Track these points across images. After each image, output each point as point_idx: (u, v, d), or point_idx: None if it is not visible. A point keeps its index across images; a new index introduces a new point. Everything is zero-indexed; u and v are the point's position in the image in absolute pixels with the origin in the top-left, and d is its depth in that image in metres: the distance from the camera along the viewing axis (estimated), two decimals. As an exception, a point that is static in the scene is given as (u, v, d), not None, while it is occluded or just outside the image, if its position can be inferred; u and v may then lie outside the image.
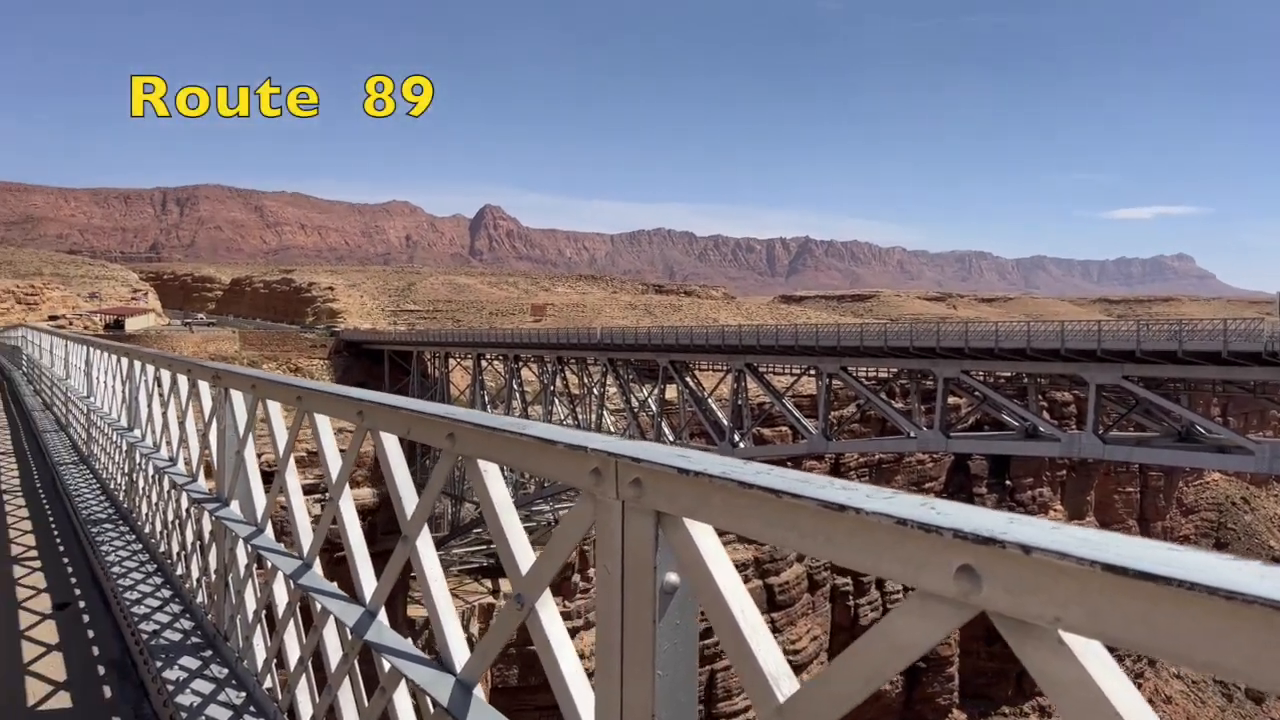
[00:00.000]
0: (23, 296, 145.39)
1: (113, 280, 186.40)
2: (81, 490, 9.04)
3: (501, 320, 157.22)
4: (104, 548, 6.75)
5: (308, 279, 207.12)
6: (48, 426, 14.08)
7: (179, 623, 5.05)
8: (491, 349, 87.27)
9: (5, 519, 8.84)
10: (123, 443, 7.90)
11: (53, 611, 6.04)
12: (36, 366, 21.44)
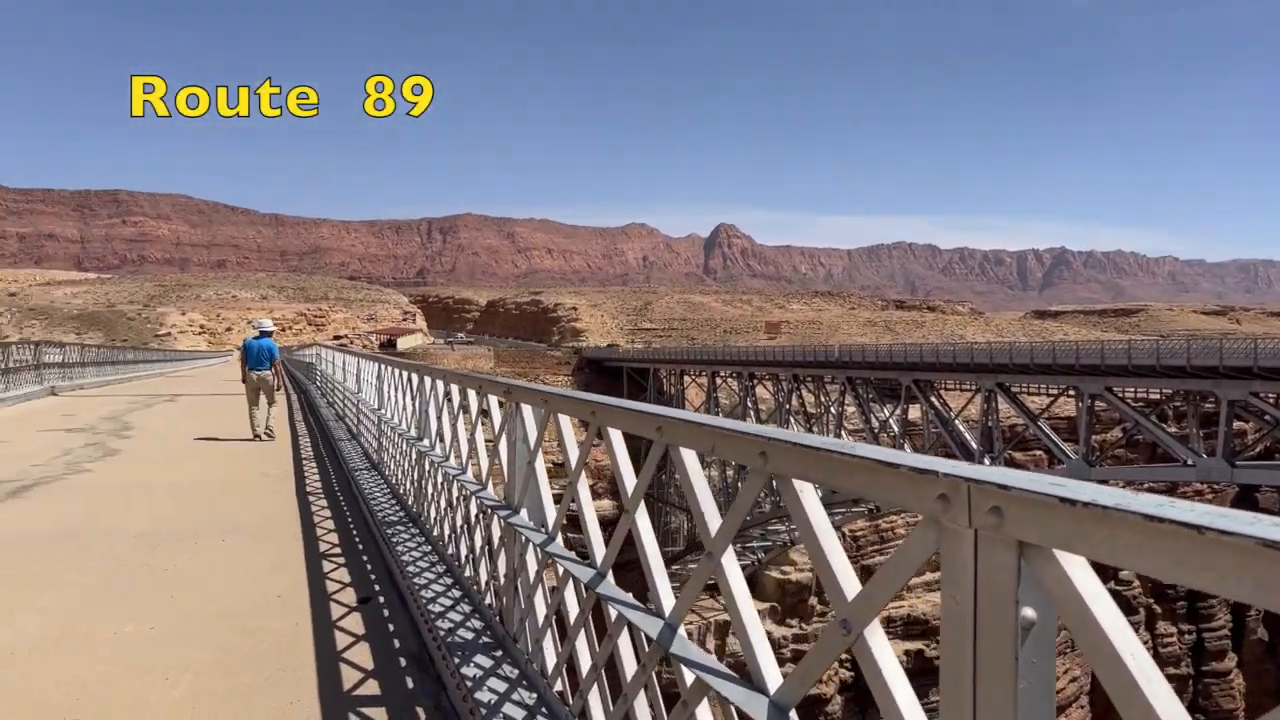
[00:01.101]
0: (312, 318, 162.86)
1: (386, 303, 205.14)
2: (375, 494, 9.94)
3: (736, 338, 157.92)
4: (398, 548, 7.36)
5: (554, 300, 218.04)
6: (341, 435, 15.63)
7: (470, 622, 5.38)
8: (726, 366, 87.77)
9: (313, 518, 9.87)
10: (412, 451, 8.59)
11: (358, 605, 6.64)
12: (329, 381, 23.82)
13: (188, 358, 78.44)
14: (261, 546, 8.64)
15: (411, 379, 9.04)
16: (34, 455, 14.60)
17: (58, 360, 31.68)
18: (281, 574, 7.58)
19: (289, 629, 6.07)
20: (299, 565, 7.89)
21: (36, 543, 8.56)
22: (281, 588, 7.16)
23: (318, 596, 6.87)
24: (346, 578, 7.40)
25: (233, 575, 7.54)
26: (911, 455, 1.92)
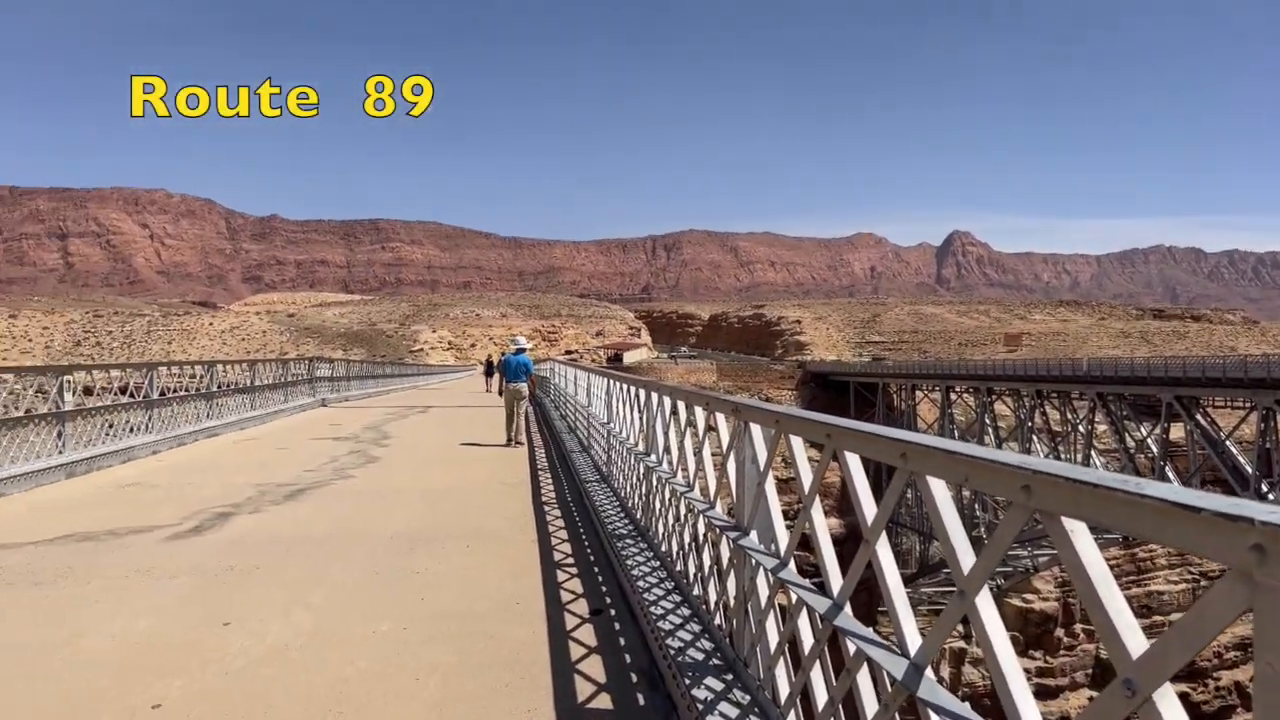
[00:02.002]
0: (546, 334, 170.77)
1: (613, 319, 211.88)
2: (605, 506, 10.18)
3: (971, 350, 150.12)
4: (628, 562, 7.46)
5: (777, 313, 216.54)
6: (574, 447, 16.20)
7: (700, 643, 5.34)
8: (961, 381, 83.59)
9: (548, 527, 10.24)
10: (639, 466, 8.71)
11: (590, 616, 6.78)
12: (561, 395, 24.79)
13: (437, 371, 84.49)
14: (502, 552, 9.05)
15: (639, 394, 9.18)
16: (308, 461, 16.15)
17: (327, 375, 35.02)
18: (519, 581, 7.89)
19: (527, 637, 6.28)
20: (535, 573, 8.19)
21: (309, 543, 9.41)
22: (519, 594, 7.44)
23: (552, 605, 7.08)
24: (579, 588, 7.59)
25: (476, 580, 7.93)
26: (1217, 498, 1.65)
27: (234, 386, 23.34)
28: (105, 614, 6.81)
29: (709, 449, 6.09)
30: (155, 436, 17.11)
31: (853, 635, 3.16)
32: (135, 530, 9.97)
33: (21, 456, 12.80)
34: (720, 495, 5.80)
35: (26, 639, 6.20)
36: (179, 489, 13.02)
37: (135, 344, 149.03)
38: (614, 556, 8.07)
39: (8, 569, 8.17)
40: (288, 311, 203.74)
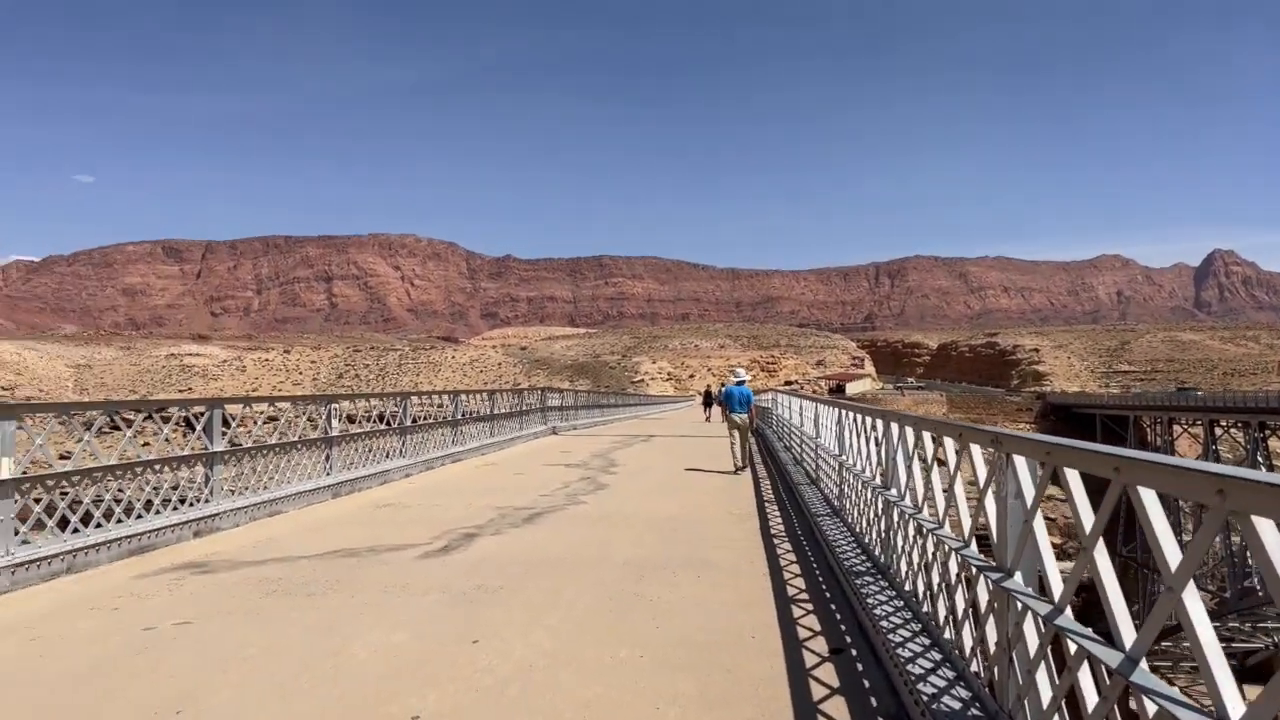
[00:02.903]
0: (765, 365, 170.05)
1: (834, 349, 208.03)
2: (838, 540, 9.83)
3: (1238, 380, 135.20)
4: (869, 600, 7.13)
5: (1012, 341, 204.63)
6: (800, 479, 15.87)
7: (954, 690, 4.97)
8: (1227, 415, 75.35)
9: (778, 560, 10.03)
10: (878, 500, 8.34)
11: (829, 655, 6.51)
12: (784, 425, 24.43)
13: (657, 401, 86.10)
14: (733, 584, 8.93)
15: (875, 425, 8.82)
16: (542, 487, 16.80)
17: (557, 404, 36.48)
18: (752, 613, 7.73)
19: (765, 672, 6.11)
20: (768, 606, 8.00)
21: (546, 566, 9.71)
22: (753, 627, 7.29)
23: (789, 641, 6.87)
24: (815, 625, 7.33)
25: (709, 610, 7.85)
26: None
27: (475, 415, 24.74)
28: (368, 625, 7.29)
29: (960, 483, 5.71)
30: (408, 461, 18.40)
31: (1158, 696, 2.78)
32: (392, 548, 10.69)
33: (296, 477, 14.10)
34: (964, 530, 5.41)
35: (303, 645, 6.73)
36: (428, 510, 13.87)
37: (388, 375, 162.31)
38: (852, 593, 7.74)
39: (286, 580, 8.97)
40: (520, 345, 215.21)
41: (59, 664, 6.30)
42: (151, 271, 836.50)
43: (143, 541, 10.10)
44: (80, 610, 7.75)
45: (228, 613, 7.71)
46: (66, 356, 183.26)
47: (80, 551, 9.14)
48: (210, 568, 9.56)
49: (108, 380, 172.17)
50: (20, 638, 6.91)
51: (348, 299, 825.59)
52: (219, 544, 10.89)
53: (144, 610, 7.78)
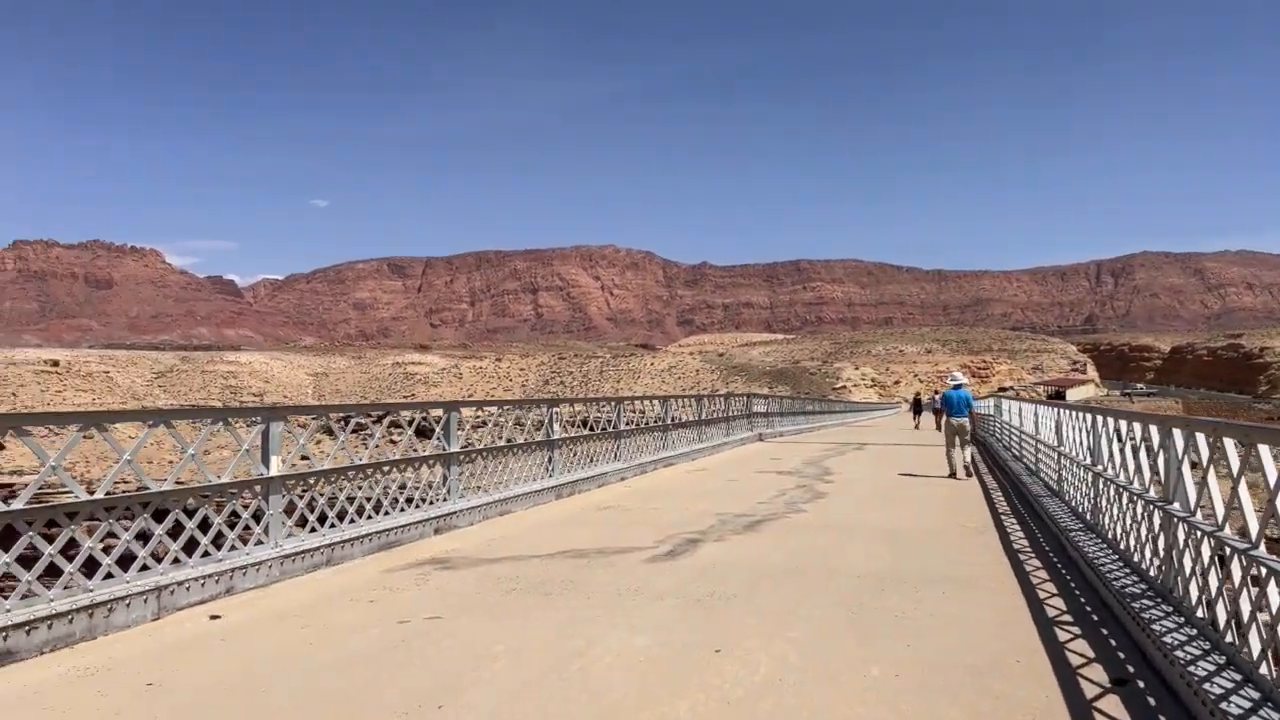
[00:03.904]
0: (976, 370, 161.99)
1: (1052, 353, 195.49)
2: (1098, 558, 8.95)
3: None
4: (1154, 626, 6.38)
5: (1259, 343, 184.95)
6: (1039, 491, 14.76)
7: (1291, 736, 4.28)
8: None
9: (1028, 577, 9.27)
10: (1153, 515, 7.50)
11: (1111, 686, 5.85)
12: (1015, 433, 22.95)
13: (862, 409, 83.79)
14: (981, 601, 8.31)
15: (1146, 431, 7.94)
16: (758, 493, 16.53)
17: (762, 410, 36.09)
18: (1010, 635, 7.12)
19: (1040, 702, 5.55)
20: (1027, 628, 7.36)
21: (777, 575, 9.42)
22: (1015, 650, 6.70)
23: (1060, 667, 6.25)
24: (1087, 651, 6.64)
25: (962, 629, 7.30)
26: None
27: (682, 421, 24.80)
28: (607, 628, 7.27)
29: (1244, 490, 4.95)
30: (622, 465, 18.64)
31: None
32: (619, 550, 10.73)
33: (522, 479, 14.54)
34: None
35: (548, 645, 6.78)
36: (648, 513, 13.92)
37: (590, 381, 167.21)
38: (1130, 618, 6.97)
39: (523, 578, 9.16)
40: (717, 351, 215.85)
41: (328, 652, 6.64)
42: (379, 287, 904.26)
43: (390, 537, 10.64)
44: (341, 602, 8.20)
45: (472, 609, 7.92)
46: (306, 365, 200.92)
47: (337, 545, 9.72)
48: (452, 564, 9.93)
49: (341, 387, 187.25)
50: (293, 625, 7.36)
51: (552, 309, 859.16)
52: (457, 541, 11.33)
53: (397, 603, 8.13)
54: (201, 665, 6.31)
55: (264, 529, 8.91)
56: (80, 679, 5.98)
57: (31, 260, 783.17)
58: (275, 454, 9.16)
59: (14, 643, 6.23)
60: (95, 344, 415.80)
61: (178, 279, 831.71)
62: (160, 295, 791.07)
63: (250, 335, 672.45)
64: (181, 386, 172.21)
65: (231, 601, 8.08)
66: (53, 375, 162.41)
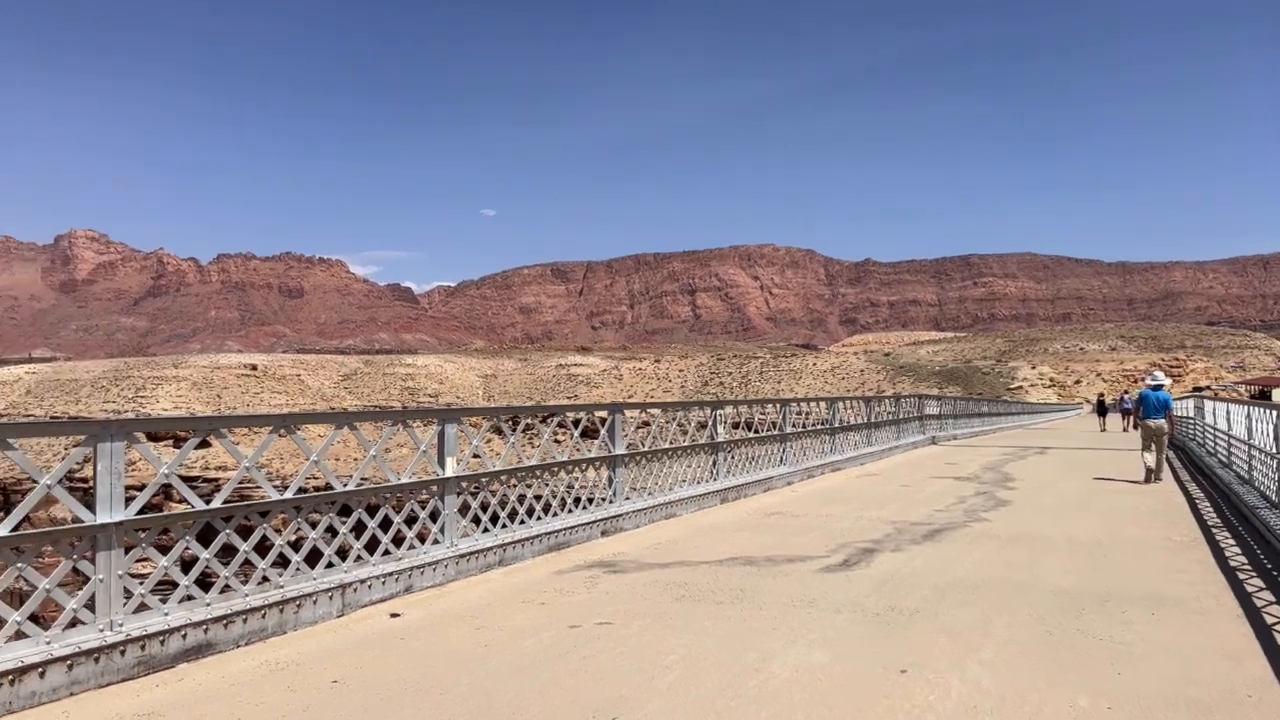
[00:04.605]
0: (1168, 368, 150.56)
1: (1255, 349, 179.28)
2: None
3: None
4: None
5: None
6: (1254, 502, 13.35)
7: None
8: None
9: (1250, 599, 8.30)
10: None
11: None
12: (1223, 438, 21.04)
13: (1040, 410, 79.29)
14: (1198, 625, 7.48)
15: None
16: (934, 500, 15.72)
17: (934, 412, 34.61)
18: (1240, 666, 6.34)
19: (1288, 749, 4.87)
20: (1257, 658, 6.54)
21: (962, 589, 8.83)
22: (1246, 683, 5.95)
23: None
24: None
25: (1181, 657, 6.57)
26: None
27: (849, 423, 24.04)
28: (783, 641, 6.96)
29: None
30: (789, 469, 18.19)
31: None
32: (789, 559, 10.37)
33: (688, 482, 14.38)
34: None
35: (722, 657, 6.54)
36: (818, 520, 13.46)
37: (750, 383, 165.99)
38: (1390, 654, 6.07)
39: (692, 585, 8.96)
40: (883, 351, 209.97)
41: (502, 654, 6.65)
42: (543, 291, 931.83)
43: (559, 538, 10.69)
44: (513, 603, 8.24)
45: (642, 615, 7.78)
46: (477, 368, 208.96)
47: (509, 546, 9.83)
48: (619, 567, 9.86)
49: (509, 388, 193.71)
50: (468, 626, 7.44)
51: (710, 309, 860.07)
52: (623, 544, 11.27)
53: (567, 607, 8.10)
54: (383, 664, 6.44)
55: (440, 528, 9.10)
56: (271, 673, 6.21)
57: (233, 273, 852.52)
58: (451, 455, 9.33)
59: (213, 635, 6.54)
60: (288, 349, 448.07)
61: (361, 287, 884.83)
62: (345, 303, 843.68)
63: (426, 339, 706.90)
64: (365, 388, 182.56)
65: (410, 600, 8.27)
66: (251, 378, 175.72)
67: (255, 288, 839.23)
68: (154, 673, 6.09)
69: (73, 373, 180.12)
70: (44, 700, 5.47)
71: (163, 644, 6.19)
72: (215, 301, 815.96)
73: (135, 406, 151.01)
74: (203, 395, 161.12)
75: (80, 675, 5.67)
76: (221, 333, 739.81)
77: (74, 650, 5.66)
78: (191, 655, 6.38)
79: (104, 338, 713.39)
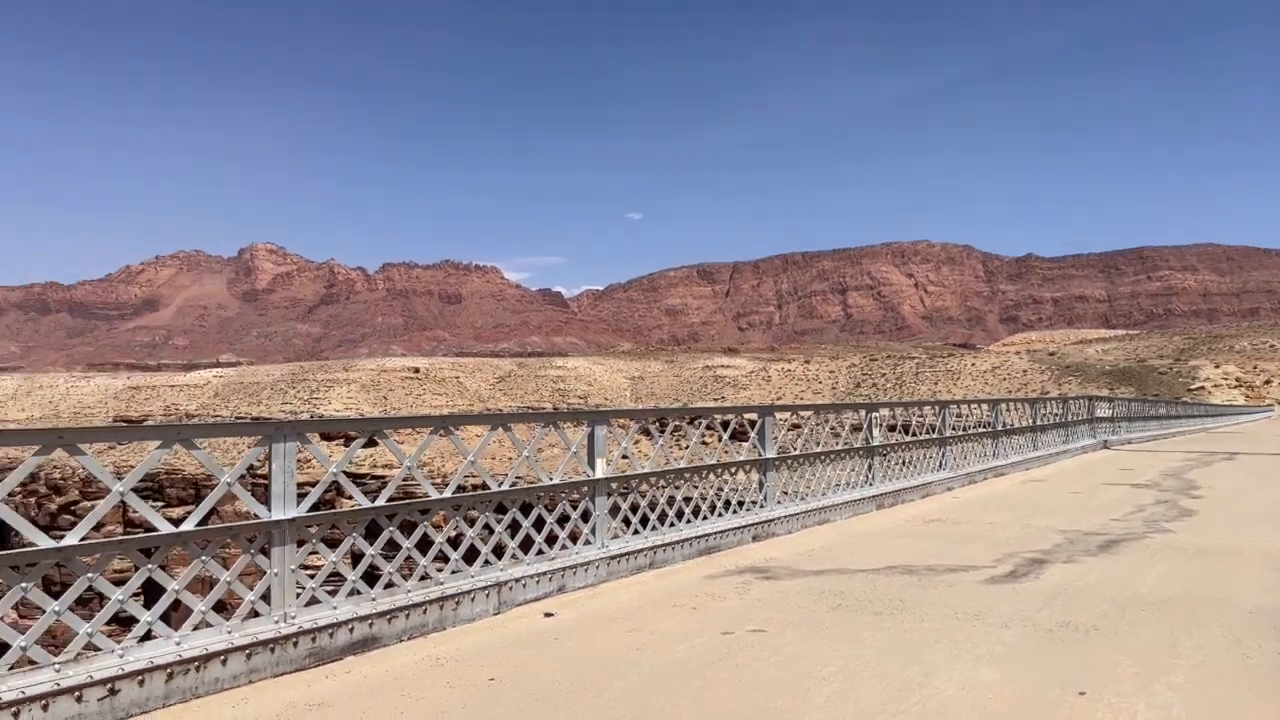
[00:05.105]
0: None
1: None
2: None
3: None
4: None
5: None
6: None
7: None
8: None
9: None
10: None
11: None
12: None
13: (1225, 412, 73.34)
14: None
15: None
16: (1109, 509, 14.71)
17: (1106, 415, 32.52)
18: None
19: None
20: None
21: (1144, 606, 8.17)
22: None
23: None
24: None
25: None
26: None
27: (1013, 426, 22.87)
28: (947, 656, 6.61)
29: None
30: (948, 474, 17.45)
31: None
32: (951, 569, 9.90)
33: (842, 486, 14.00)
34: None
35: (882, 670, 6.27)
36: (981, 528, 12.82)
37: (905, 384, 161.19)
38: None
39: (849, 594, 8.67)
40: (1047, 350, 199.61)
41: (654, 658, 6.59)
42: (688, 293, 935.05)
43: (709, 542, 10.59)
44: (664, 607, 8.19)
45: (797, 624, 7.57)
46: (624, 370, 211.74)
47: (659, 549, 9.80)
48: (772, 574, 9.66)
49: (656, 390, 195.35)
50: (620, 628, 7.43)
51: (861, 309, 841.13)
52: (775, 549, 11.05)
53: (719, 612, 7.98)
54: (538, 663, 6.50)
55: (591, 529, 9.16)
56: (432, 669, 6.37)
57: (396, 281, 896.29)
58: (600, 456, 9.38)
59: (378, 629, 6.78)
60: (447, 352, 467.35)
61: (514, 292, 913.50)
62: (500, 308, 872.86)
63: (575, 342, 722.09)
64: (518, 389, 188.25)
65: (563, 600, 8.35)
66: (414, 380, 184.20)
67: (417, 294, 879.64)
68: (323, 664, 6.36)
69: (254, 376, 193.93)
70: (225, 686, 5.79)
71: (331, 637, 6.46)
72: (381, 308, 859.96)
73: (310, 407, 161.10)
74: (370, 396, 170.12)
75: (257, 664, 5.98)
76: (387, 337, 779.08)
77: (252, 640, 5.97)
78: (358, 648, 6.62)
79: (282, 343, 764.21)
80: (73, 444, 5.59)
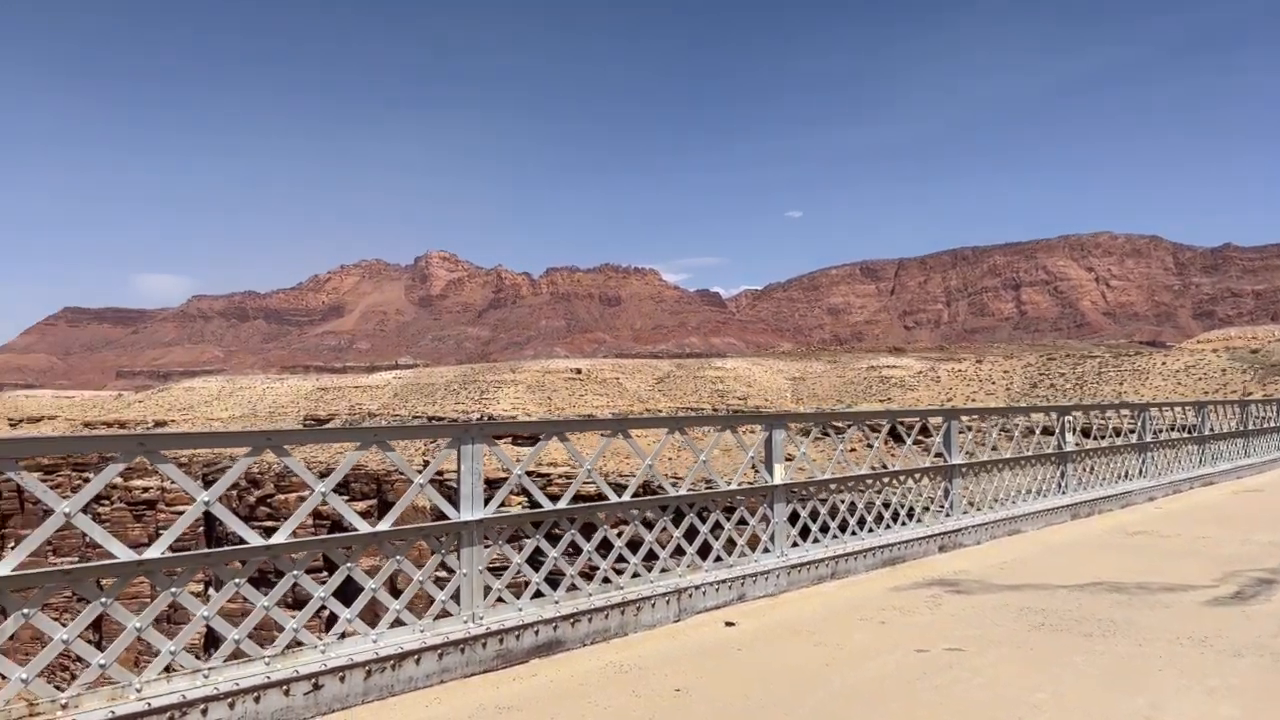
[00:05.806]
0: None
1: None
2: None
3: None
4: None
5: None
6: None
7: None
8: None
9: None
10: None
11: None
12: None
13: None
14: None
15: None
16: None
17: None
18: None
19: None
20: None
21: None
22: None
23: None
24: None
25: None
26: None
27: (1221, 431, 20.94)
28: (1173, 686, 5.99)
29: None
30: (1150, 482, 16.14)
31: None
32: (1166, 587, 9.06)
33: (1032, 494, 13.14)
34: None
35: (1102, 701, 5.73)
36: (1194, 542, 11.73)
37: (1086, 385, 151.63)
38: None
39: (1051, 612, 8.05)
40: (1249, 348, 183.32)
41: (845, 676, 6.29)
42: (851, 291, 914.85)
43: (893, 552, 10.13)
44: (850, 619, 7.84)
45: (997, 643, 7.07)
46: (785, 370, 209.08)
47: (841, 558, 9.44)
48: (963, 587, 9.11)
49: (818, 391, 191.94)
50: (805, 641, 7.15)
51: (1037, 305, 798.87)
52: (963, 561, 10.45)
53: (910, 628, 7.56)
54: (723, 675, 6.32)
55: (770, 537, 8.91)
56: (616, 675, 6.30)
57: (559, 284, 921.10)
58: (778, 461, 9.11)
59: (562, 633, 6.78)
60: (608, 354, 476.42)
61: (672, 294, 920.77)
62: (658, 309, 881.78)
63: (733, 342, 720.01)
64: (677, 391, 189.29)
65: (743, 609, 8.14)
66: (577, 381, 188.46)
67: (579, 298, 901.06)
68: (510, 666, 6.40)
69: (429, 378, 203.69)
70: (419, 685, 5.91)
71: (518, 639, 6.49)
72: (545, 311, 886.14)
73: (480, 407, 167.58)
74: (535, 397, 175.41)
75: (449, 664, 6.07)
76: (550, 340, 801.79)
77: (443, 640, 6.06)
78: (543, 651, 6.64)
79: (454, 346, 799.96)
80: (279, 445, 5.83)
